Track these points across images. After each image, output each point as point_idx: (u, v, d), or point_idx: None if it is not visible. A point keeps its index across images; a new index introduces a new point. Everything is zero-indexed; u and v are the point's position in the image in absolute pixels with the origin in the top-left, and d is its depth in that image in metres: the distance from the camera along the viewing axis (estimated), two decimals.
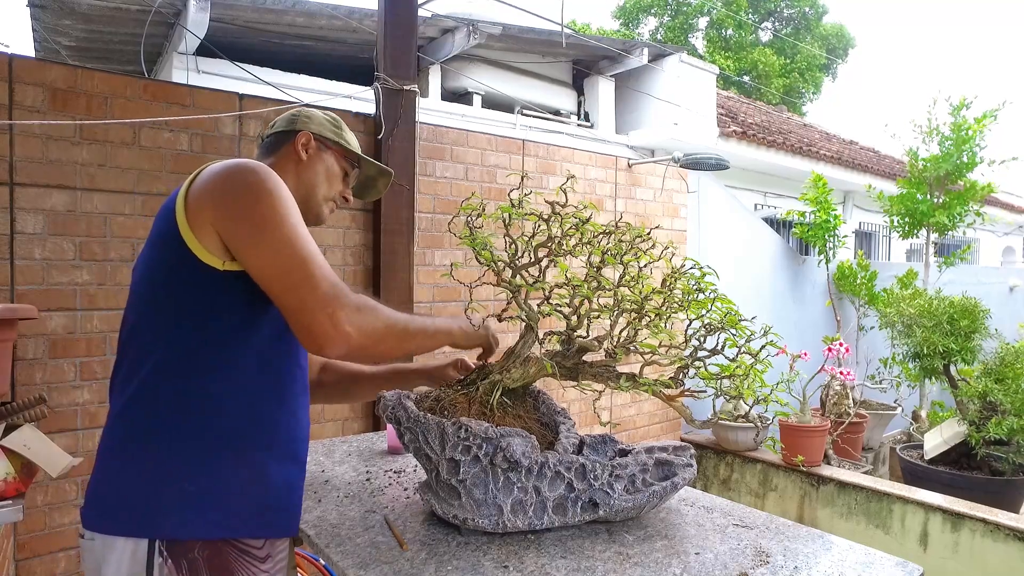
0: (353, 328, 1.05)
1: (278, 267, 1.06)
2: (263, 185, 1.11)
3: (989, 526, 3.10)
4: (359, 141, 3.08)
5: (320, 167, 1.38)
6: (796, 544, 1.23)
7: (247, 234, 1.08)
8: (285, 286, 1.06)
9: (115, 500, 1.09)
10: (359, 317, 1.06)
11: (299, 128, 1.38)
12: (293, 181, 1.33)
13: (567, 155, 4.01)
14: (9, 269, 2.30)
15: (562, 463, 1.22)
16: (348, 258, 3.08)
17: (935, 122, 5.93)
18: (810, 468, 3.77)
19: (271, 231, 1.07)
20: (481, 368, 1.41)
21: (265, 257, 1.07)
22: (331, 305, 1.04)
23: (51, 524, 2.38)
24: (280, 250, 1.06)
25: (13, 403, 1.81)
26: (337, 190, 1.42)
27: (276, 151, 1.37)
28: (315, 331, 1.04)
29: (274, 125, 1.42)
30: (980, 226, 9.67)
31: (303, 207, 1.29)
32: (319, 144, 1.38)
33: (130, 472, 1.09)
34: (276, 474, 1.18)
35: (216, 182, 1.11)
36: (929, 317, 4.40)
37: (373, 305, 1.11)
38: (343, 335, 1.04)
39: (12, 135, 2.30)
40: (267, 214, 1.08)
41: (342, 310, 1.04)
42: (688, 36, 19.38)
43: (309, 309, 1.04)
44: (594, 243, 1.33)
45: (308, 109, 1.44)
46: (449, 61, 5.50)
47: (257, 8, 4.38)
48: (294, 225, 1.09)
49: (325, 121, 1.42)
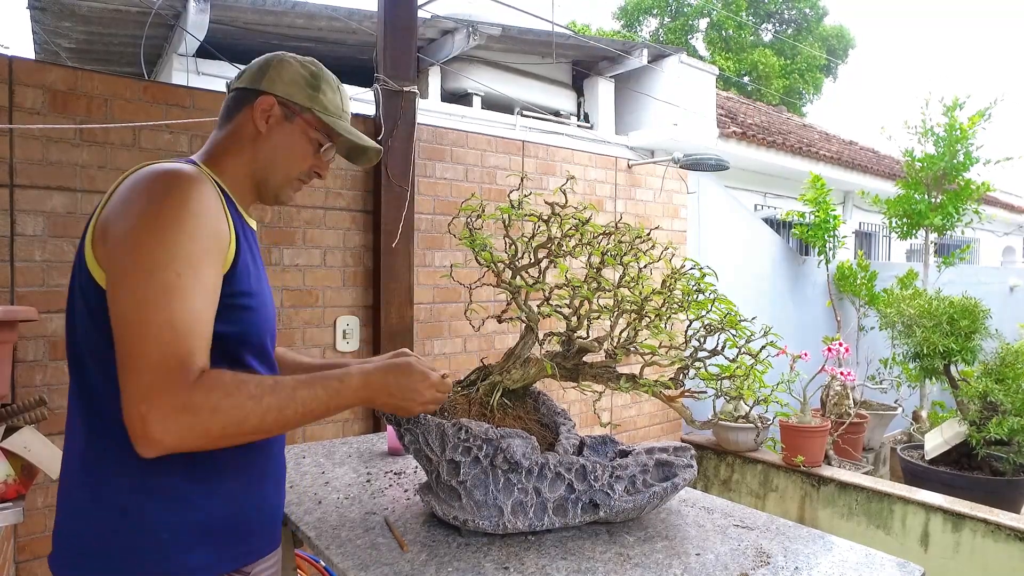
0: (166, 434, 0.86)
1: (121, 330, 0.89)
2: (160, 212, 0.93)
3: (990, 526, 3.10)
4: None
5: (281, 141, 1.13)
6: (797, 545, 1.23)
7: (113, 274, 0.92)
8: (119, 357, 0.89)
9: (89, 548, 0.98)
10: (179, 421, 0.86)
11: (263, 88, 1.11)
12: (247, 158, 1.12)
13: (567, 156, 4.01)
14: (9, 271, 2.30)
15: (562, 464, 1.22)
16: (348, 259, 3.08)
17: (929, 122, 5.94)
18: (811, 468, 3.77)
19: (132, 281, 0.89)
20: (481, 369, 1.41)
21: (114, 313, 0.91)
22: (147, 399, 0.85)
23: (51, 526, 2.38)
24: (129, 310, 0.89)
25: (13, 405, 1.81)
26: (305, 167, 1.17)
27: (234, 115, 1.13)
28: (127, 424, 0.87)
29: (241, 75, 1.16)
30: (980, 226, 9.68)
31: (259, 188, 1.16)
32: (285, 111, 1.12)
33: (100, 516, 0.98)
34: (251, 499, 1.08)
35: (122, 193, 0.97)
36: (929, 317, 4.40)
37: (216, 402, 0.89)
38: (151, 440, 0.86)
39: (12, 137, 2.30)
40: (140, 255, 0.90)
41: (158, 409, 0.85)
42: (688, 37, 19.38)
43: (127, 395, 0.87)
44: (594, 244, 1.34)
45: (284, 58, 1.15)
46: (449, 62, 5.50)
47: (257, 10, 4.38)
48: (166, 280, 0.89)
49: (299, 77, 1.14)
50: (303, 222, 2.95)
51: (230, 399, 0.90)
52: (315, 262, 2.99)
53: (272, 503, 1.15)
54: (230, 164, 1.13)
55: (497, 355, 3.46)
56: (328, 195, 3.02)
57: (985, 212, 6.30)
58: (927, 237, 6.20)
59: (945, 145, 5.80)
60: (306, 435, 2.94)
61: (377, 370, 1.09)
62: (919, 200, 5.94)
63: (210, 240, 0.96)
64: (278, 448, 1.17)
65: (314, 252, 2.99)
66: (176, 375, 0.87)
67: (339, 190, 3.05)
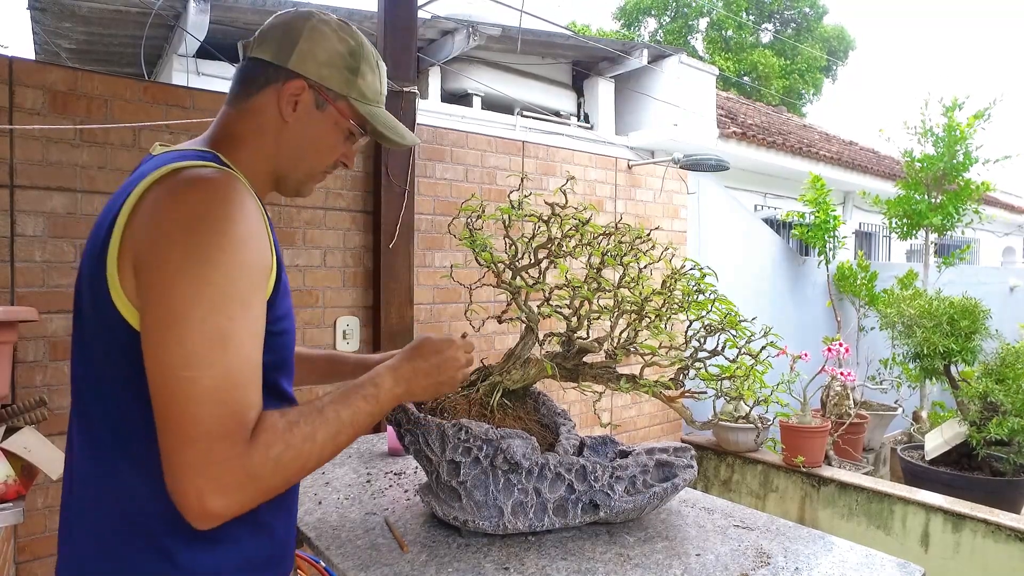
0: (227, 507, 0.76)
1: (164, 387, 0.75)
2: (204, 243, 0.77)
3: (990, 527, 3.10)
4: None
5: (310, 132, 0.97)
6: (797, 545, 1.23)
7: (151, 318, 0.77)
8: (163, 418, 0.76)
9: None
10: (243, 490, 0.76)
11: (292, 67, 0.94)
12: (270, 149, 0.97)
13: (567, 156, 4.01)
14: (9, 271, 2.30)
15: (562, 464, 1.22)
16: (348, 260, 3.09)
17: (929, 123, 5.94)
18: (811, 469, 3.77)
19: (178, 330, 0.75)
20: (481, 369, 1.41)
21: (156, 366, 0.76)
22: (204, 472, 0.74)
23: (51, 526, 2.38)
24: (176, 366, 0.75)
25: (13, 405, 1.81)
26: (333, 159, 1.02)
27: (253, 94, 0.95)
28: (177, 498, 0.75)
29: (264, 39, 0.97)
30: (980, 226, 9.68)
31: (280, 181, 1.01)
32: (317, 97, 0.95)
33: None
34: (283, 528, 1.01)
35: (154, 215, 0.80)
36: (929, 317, 4.40)
37: (276, 453, 0.79)
38: (210, 515, 0.75)
39: (12, 137, 2.30)
40: (185, 299, 0.76)
41: (216, 482, 0.74)
42: (688, 37, 19.39)
43: (177, 465, 0.74)
44: (594, 244, 1.34)
45: (317, 25, 0.95)
46: (449, 63, 5.50)
47: (257, 10, 4.38)
48: (216, 327, 0.76)
49: (336, 55, 0.96)
50: (303, 222, 2.95)
51: (290, 450, 0.81)
52: (315, 262, 2.99)
53: (295, 524, 1.10)
54: (248, 155, 0.96)
55: (497, 355, 3.46)
56: (328, 195, 3.02)
57: (985, 212, 6.31)
58: (927, 237, 6.20)
59: (944, 145, 5.81)
60: None
61: (402, 361, 1.02)
62: (919, 200, 5.94)
63: (259, 271, 0.83)
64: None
65: (314, 252, 2.99)
66: (234, 440, 0.76)
67: (339, 190, 3.05)
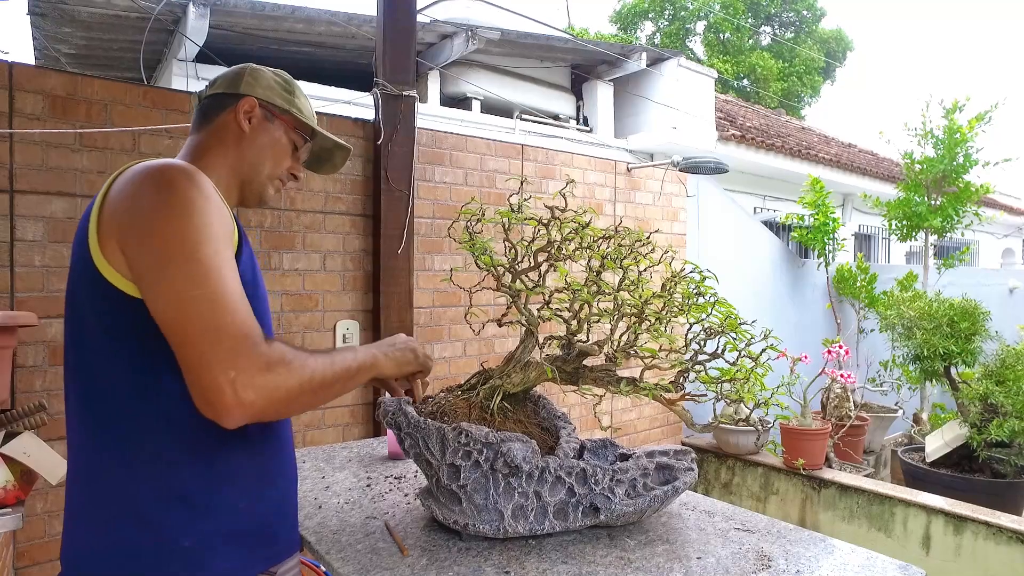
0: (258, 394, 0.87)
1: (179, 311, 0.88)
2: (176, 200, 0.93)
3: (991, 529, 3.09)
4: (358, 147, 3.11)
5: (265, 140, 1.18)
6: (798, 548, 1.23)
7: (148, 266, 0.91)
8: (184, 336, 0.88)
9: (111, 561, 0.95)
10: (267, 379, 0.88)
11: (243, 92, 1.17)
12: (232, 158, 1.16)
13: (566, 159, 4.02)
14: (9, 276, 2.30)
15: (563, 468, 1.22)
16: (348, 263, 3.09)
17: (929, 125, 5.95)
18: (811, 471, 3.76)
19: (176, 264, 0.89)
20: (481, 373, 1.41)
21: (166, 297, 0.89)
22: (234, 365, 0.86)
23: (51, 531, 2.37)
24: (183, 290, 0.88)
25: (13, 410, 1.81)
26: (285, 167, 1.22)
27: (213, 119, 1.17)
28: (211, 397, 0.86)
29: (215, 83, 1.21)
30: (979, 228, 9.69)
31: (243, 189, 1.19)
32: (265, 112, 1.18)
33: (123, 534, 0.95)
34: (271, 501, 1.07)
35: (125, 192, 0.95)
36: (929, 319, 4.40)
37: (288, 358, 0.92)
38: (244, 404, 0.86)
39: (12, 142, 2.30)
40: (174, 241, 0.90)
41: (246, 372, 0.86)
42: (686, 40, 19.43)
43: (207, 367, 0.86)
44: (594, 247, 1.34)
45: (256, 67, 1.21)
46: (448, 66, 5.51)
47: (256, 15, 4.39)
48: (207, 257, 0.90)
49: (274, 83, 1.21)
50: (303, 226, 2.96)
51: (298, 358, 0.93)
52: (315, 266, 2.99)
53: (291, 504, 1.14)
54: (215, 164, 1.14)
55: (497, 359, 3.46)
56: (328, 199, 3.03)
57: (985, 214, 6.31)
58: (927, 239, 6.21)
59: (945, 148, 5.81)
60: (306, 440, 2.94)
61: (379, 341, 1.20)
62: (919, 202, 5.94)
63: (226, 225, 0.97)
64: (290, 449, 1.16)
65: (314, 256, 2.99)
66: (251, 339, 0.89)
67: (339, 194, 3.05)
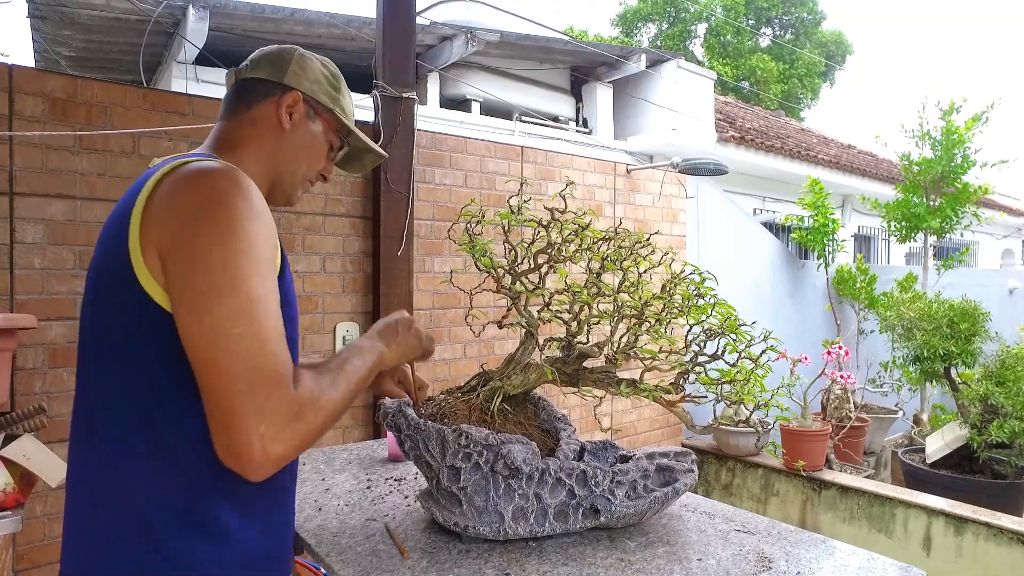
0: (286, 446, 0.82)
1: (216, 348, 0.82)
2: (224, 218, 0.85)
3: (992, 530, 3.09)
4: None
5: (304, 140, 1.10)
6: (798, 549, 1.23)
7: (187, 292, 0.84)
8: (216, 377, 0.82)
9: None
10: (295, 428, 0.83)
11: (288, 83, 1.08)
12: (268, 154, 1.08)
13: (566, 161, 4.02)
14: (9, 278, 2.30)
15: (563, 469, 1.22)
16: (348, 265, 3.08)
17: (926, 126, 5.95)
18: (812, 473, 3.76)
19: (219, 297, 0.82)
20: (482, 375, 1.41)
21: (202, 331, 0.82)
22: (265, 418, 0.81)
23: (50, 534, 2.37)
24: (223, 327, 0.81)
25: (12, 413, 1.81)
26: (319, 167, 1.15)
27: (252, 106, 1.07)
28: (238, 451, 0.81)
29: (258, 64, 1.10)
30: (978, 229, 9.69)
31: (273, 187, 1.10)
32: (308, 109, 1.10)
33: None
34: (282, 520, 1.04)
35: (171, 202, 0.87)
36: (929, 320, 4.40)
37: (315, 395, 0.87)
38: (271, 459, 0.82)
39: (12, 145, 2.31)
40: (219, 270, 0.83)
41: (276, 425, 0.81)
42: (687, 43, 19.44)
43: (237, 418, 0.80)
44: (593, 249, 1.34)
45: (304, 54, 1.12)
46: (447, 68, 5.51)
47: (256, 17, 4.39)
48: (252, 289, 0.84)
49: (322, 77, 1.12)
50: (303, 228, 2.96)
51: (324, 394, 0.89)
52: (315, 268, 2.99)
53: (292, 521, 1.12)
54: (249, 158, 1.06)
55: (497, 360, 3.45)
56: (328, 201, 3.03)
57: (984, 215, 6.31)
58: (926, 240, 6.21)
59: (943, 149, 5.81)
60: None
61: (376, 325, 1.14)
62: (918, 203, 5.95)
63: (272, 246, 0.91)
64: (295, 461, 1.13)
65: (314, 258, 2.99)
66: (284, 384, 0.83)
67: (338, 196, 3.06)
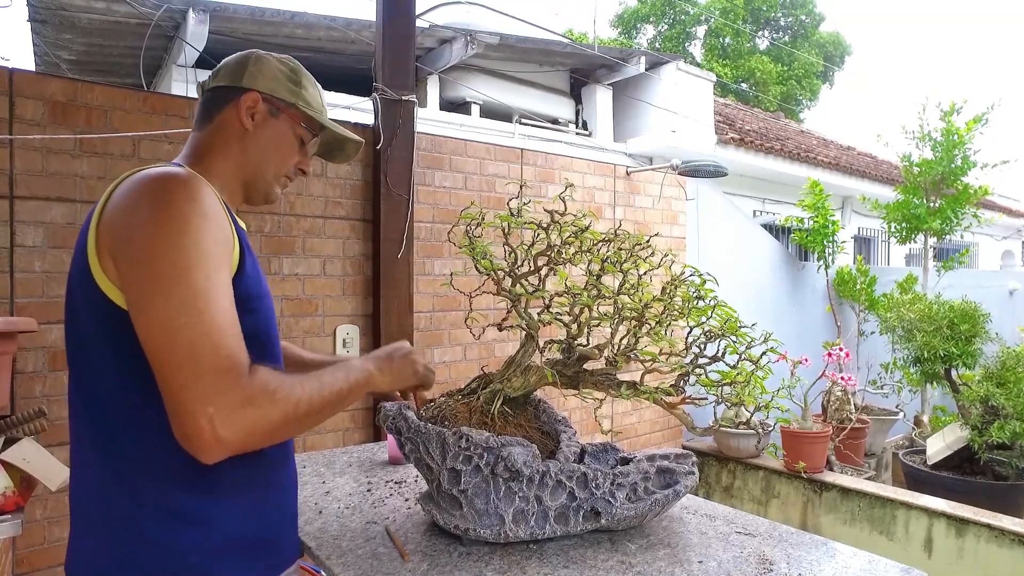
0: (236, 431, 0.84)
1: (163, 338, 0.85)
2: (169, 217, 0.89)
3: (994, 531, 3.08)
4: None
5: (269, 138, 1.12)
6: (799, 551, 1.23)
7: (136, 287, 0.88)
8: (166, 365, 0.85)
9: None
10: (246, 415, 0.85)
11: (245, 85, 1.11)
12: (235, 158, 1.11)
13: (565, 163, 4.02)
14: (9, 282, 2.30)
15: (563, 472, 1.22)
16: (348, 268, 3.09)
17: (927, 127, 5.96)
18: (812, 474, 3.76)
19: (165, 289, 0.86)
20: (482, 377, 1.41)
21: (151, 323, 0.86)
22: (213, 401, 0.83)
23: (50, 538, 2.37)
24: (169, 317, 0.85)
25: (12, 416, 1.81)
26: (292, 163, 1.17)
27: (216, 114, 1.11)
28: (189, 432, 0.84)
29: (218, 73, 1.14)
30: (979, 230, 9.69)
31: (247, 188, 1.14)
32: (270, 107, 1.12)
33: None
34: (272, 510, 1.07)
35: (122, 204, 0.92)
36: (929, 321, 4.40)
37: (272, 388, 0.89)
38: (222, 442, 0.84)
39: (12, 148, 2.31)
40: (165, 264, 0.87)
41: (225, 408, 0.84)
42: (686, 45, 19.47)
43: (186, 401, 0.83)
44: (593, 251, 1.34)
45: (261, 55, 1.14)
46: (447, 71, 5.52)
47: (256, 20, 4.40)
48: (197, 282, 0.87)
49: (280, 73, 1.14)
50: (303, 231, 2.96)
51: (283, 388, 0.90)
52: (315, 271, 2.99)
53: (291, 511, 1.14)
54: (217, 164, 1.10)
55: (497, 363, 3.45)
56: (327, 204, 3.03)
57: (984, 216, 6.31)
58: (926, 242, 6.21)
59: (943, 150, 5.82)
60: (306, 445, 2.94)
61: (375, 351, 1.20)
62: (918, 205, 5.95)
63: (222, 243, 0.94)
64: (290, 457, 1.15)
65: (314, 261, 2.99)
66: (233, 372, 0.86)
67: (338, 199, 3.06)
